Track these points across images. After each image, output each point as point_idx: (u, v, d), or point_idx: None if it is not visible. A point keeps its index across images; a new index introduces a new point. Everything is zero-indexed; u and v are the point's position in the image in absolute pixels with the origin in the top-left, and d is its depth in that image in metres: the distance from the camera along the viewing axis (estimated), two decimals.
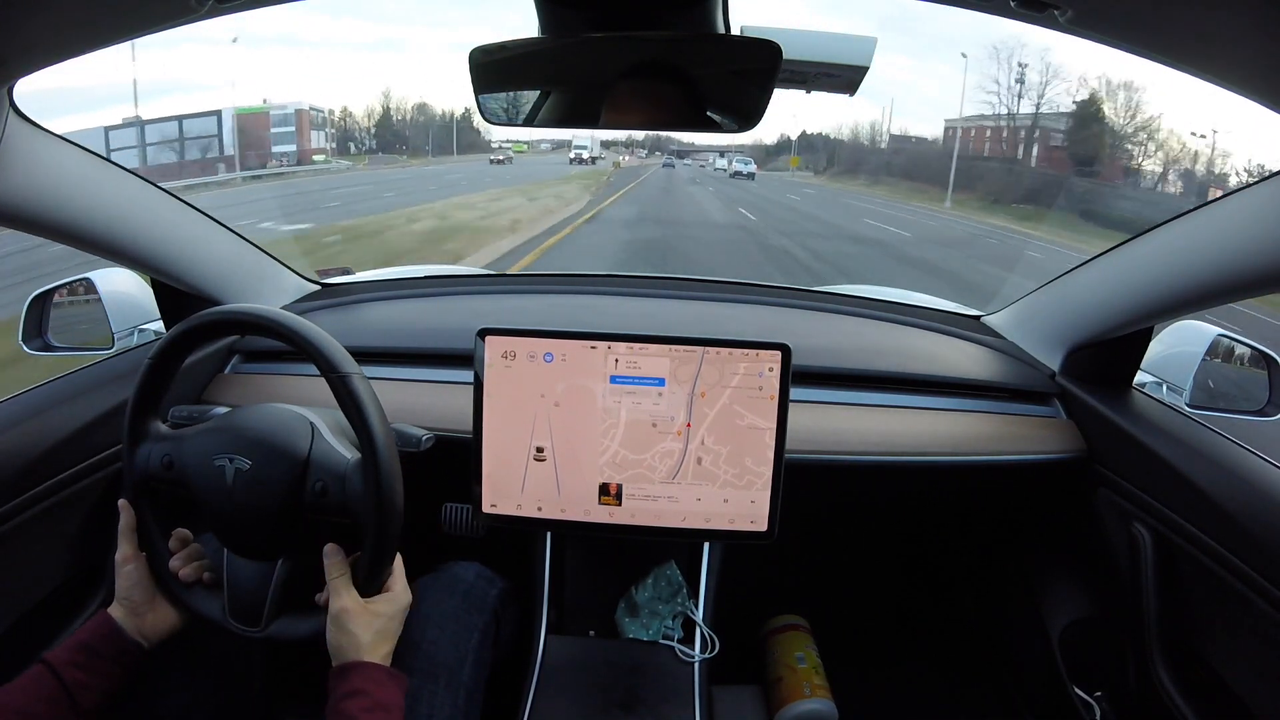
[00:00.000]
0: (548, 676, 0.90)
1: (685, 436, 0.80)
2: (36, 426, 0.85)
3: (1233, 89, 0.55)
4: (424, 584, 0.86)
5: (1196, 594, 0.84)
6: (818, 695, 1.10)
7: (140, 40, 0.66)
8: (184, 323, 0.73)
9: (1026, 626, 1.16)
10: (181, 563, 0.75)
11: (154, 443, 0.75)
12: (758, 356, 0.78)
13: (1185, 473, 0.84)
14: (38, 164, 0.75)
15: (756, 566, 1.18)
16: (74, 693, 0.66)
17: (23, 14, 0.54)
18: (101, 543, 0.91)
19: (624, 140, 47.99)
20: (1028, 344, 1.16)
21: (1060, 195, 18.39)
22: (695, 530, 0.82)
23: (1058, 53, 23.73)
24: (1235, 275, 0.74)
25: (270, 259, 1.23)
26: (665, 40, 0.73)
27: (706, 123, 0.78)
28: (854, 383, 1.06)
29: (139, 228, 0.93)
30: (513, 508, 0.83)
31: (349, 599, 0.70)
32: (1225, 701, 0.79)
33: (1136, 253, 0.92)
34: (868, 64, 0.87)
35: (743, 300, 1.33)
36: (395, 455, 0.70)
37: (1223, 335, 1.03)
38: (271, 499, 0.70)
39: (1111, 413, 0.97)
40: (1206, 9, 0.47)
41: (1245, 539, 0.76)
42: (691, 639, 0.95)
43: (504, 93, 0.81)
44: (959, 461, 0.98)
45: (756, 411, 0.79)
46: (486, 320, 0.81)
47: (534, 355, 0.80)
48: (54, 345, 1.09)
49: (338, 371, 0.69)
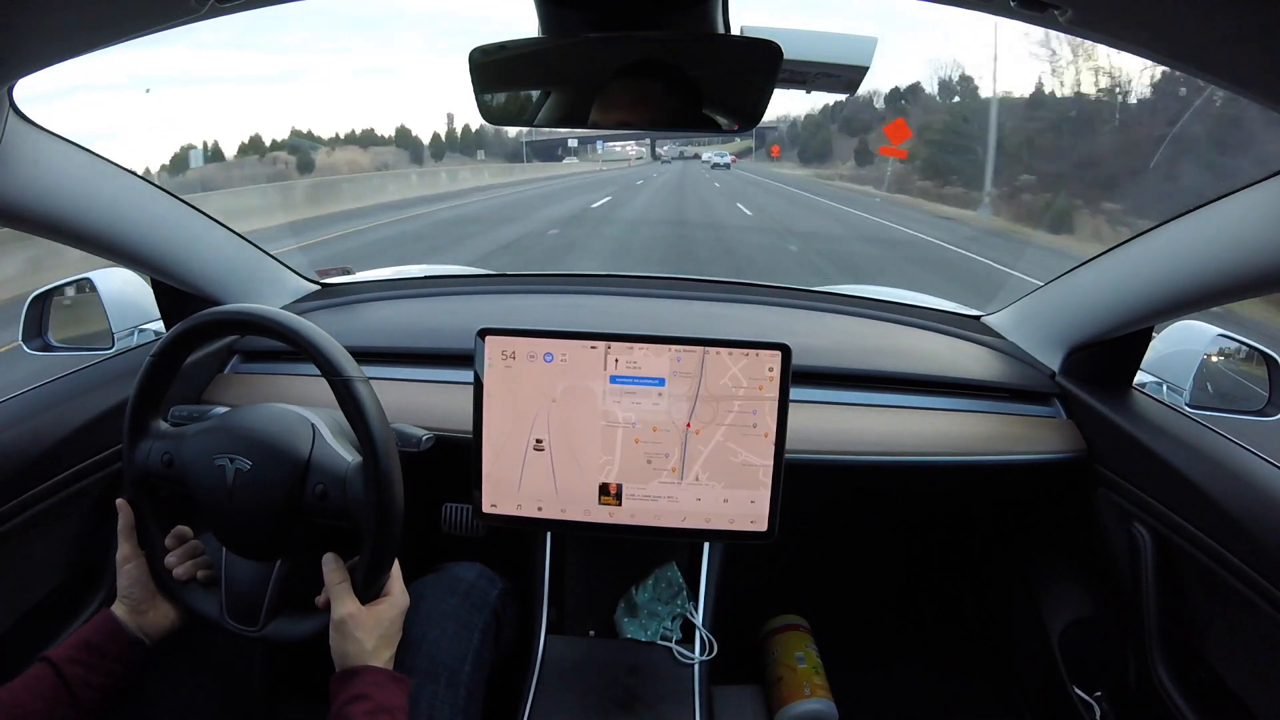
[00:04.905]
0: (548, 676, 0.90)
1: (685, 436, 0.80)
2: (36, 426, 0.85)
3: (1233, 89, 0.54)
4: (424, 584, 0.86)
5: (1196, 594, 0.84)
6: (818, 695, 1.10)
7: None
8: (184, 322, 0.73)
9: (1026, 626, 1.16)
10: (178, 560, 0.75)
11: (154, 440, 0.75)
12: (758, 356, 0.78)
13: (1185, 473, 0.84)
14: (38, 164, 0.75)
15: (756, 566, 1.18)
16: (75, 690, 0.66)
17: (23, 14, 0.54)
18: (101, 542, 0.92)
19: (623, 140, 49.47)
20: (1028, 344, 1.16)
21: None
22: (695, 530, 0.82)
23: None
24: (1235, 275, 0.74)
25: (270, 259, 1.23)
26: (665, 40, 0.73)
27: (706, 123, 0.78)
28: (854, 383, 1.06)
29: (139, 228, 0.93)
30: (513, 508, 0.83)
31: (351, 605, 0.70)
32: (1225, 701, 0.79)
33: (1136, 253, 0.92)
34: (868, 64, 0.87)
35: (743, 300, 1.33)
36: (396, 461, 0.69)
37: (1223, 335, 1.03)
38: (271, 500, 0.70)
39: (1111, 413, 0.97)
40: (1206, 9, 0.47)
41: (1245, 539, 0.75)
42: (690, 640, 0.95)
43: (504, 92, 0.81)
44: (959, 461, 0.98)
45: (757, 408, 0.79)
46: (486, 320, 0.81)
47: (534, 355, 0.80)
48: (54, 345, 1.09)
49: (341, 376, 0.69)
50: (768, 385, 0.79)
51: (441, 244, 9.06)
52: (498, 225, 10.72)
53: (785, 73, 0.73)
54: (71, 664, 0.67)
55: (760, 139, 46.70)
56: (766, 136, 47.10)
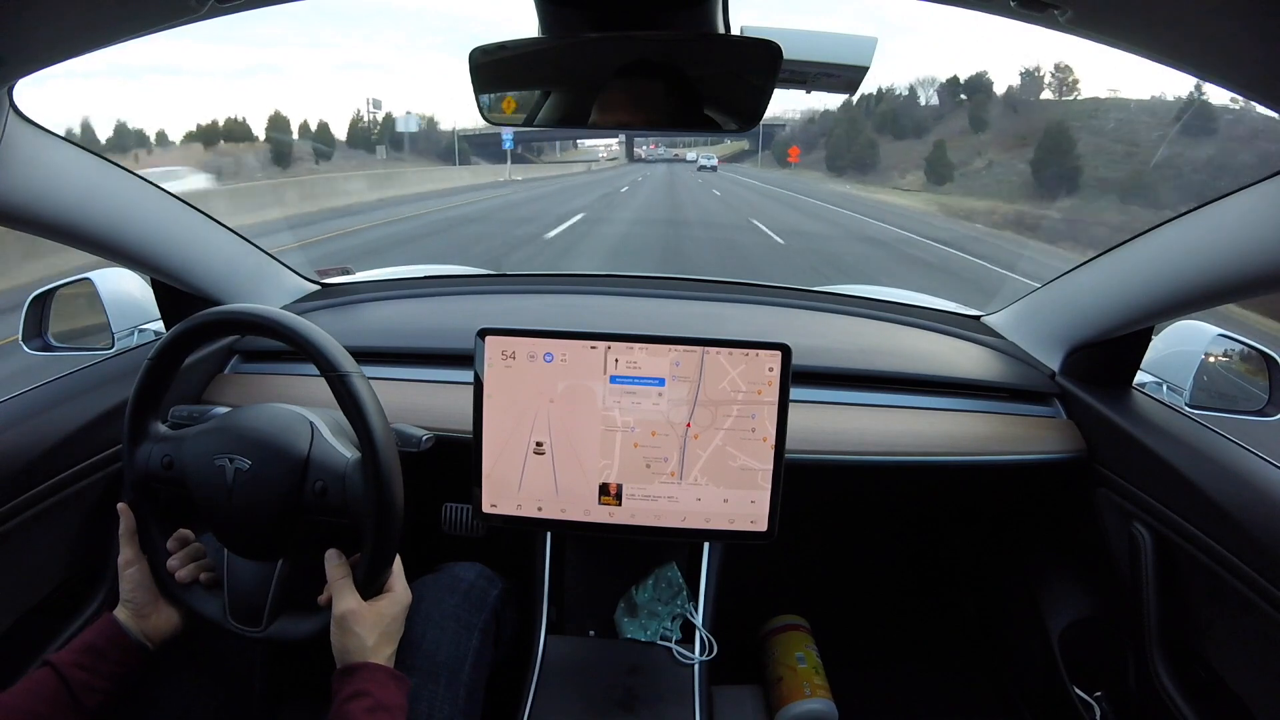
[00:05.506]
0: (548, 676, 0.90)
1: (685, 436, 0.80)
2: (36, 426, 0.85)
3: (1233, 89, 0.55)
4: (425, 584, 0.86)
5: (1196, 594, 0.84)
6: (818, 695, 1.10)
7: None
8: (184, 323, 0.73)
9: (1026, 626, 1.16)
10: (180, 563, 0.75)
11: (154, 443, 0.75)
12: (758, 356, 0.78)
13: (1185, 473, 0.84)
14: (38, 164, 0.75)
15: (756, 567, 1.18)
16: (78, 694, 0.66)
17: (23, 14, 0.54)
18: (101, 542, 0.92)
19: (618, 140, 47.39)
20: (1028, 344, 1.16)
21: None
22: (695, 530, 0.82)
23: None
24: (1235, 275, 0.74)
25: (270, 259, 1.23)
26: (665, 40, 0.73)
27: (706, 123, 0.78)
28: (854, 383, 1.06)
29: (139, 228, 0.93)
30: (512, 508, 0.83)
31: (353, 601, 0.70)
32: (1225, 701, 0.79)
33: (1136, 253, 0.92)
34: (868, 64, 0.87)
35: (742, 300, 1.33)
36: (395, 454, 0.70)
37: (1223, 335, 1.03)
38: (271, 498, 0.70)
39: (1111, 413, 0.97)
40: (1206, 10, 0.47)
41: (1245, 539, 0.76)
42: (690, 640, 0.95)
43: (504, 92, 0.81)
44: (959, 461, 0.98)
45: (756, 412, 0.79)
46: (486, 320, 0.81)
47: (534, 355, 0.80)
48: (54, 345, 1.09)
49: (337, 370, 0.69)
50: (767, 390, 0.79)
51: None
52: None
53: (785, 73, 0.73)
54: (74, 668, 0.67)
55: (767, 138, 43.86)
56: (775, 135, 44.47)
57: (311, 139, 31.88)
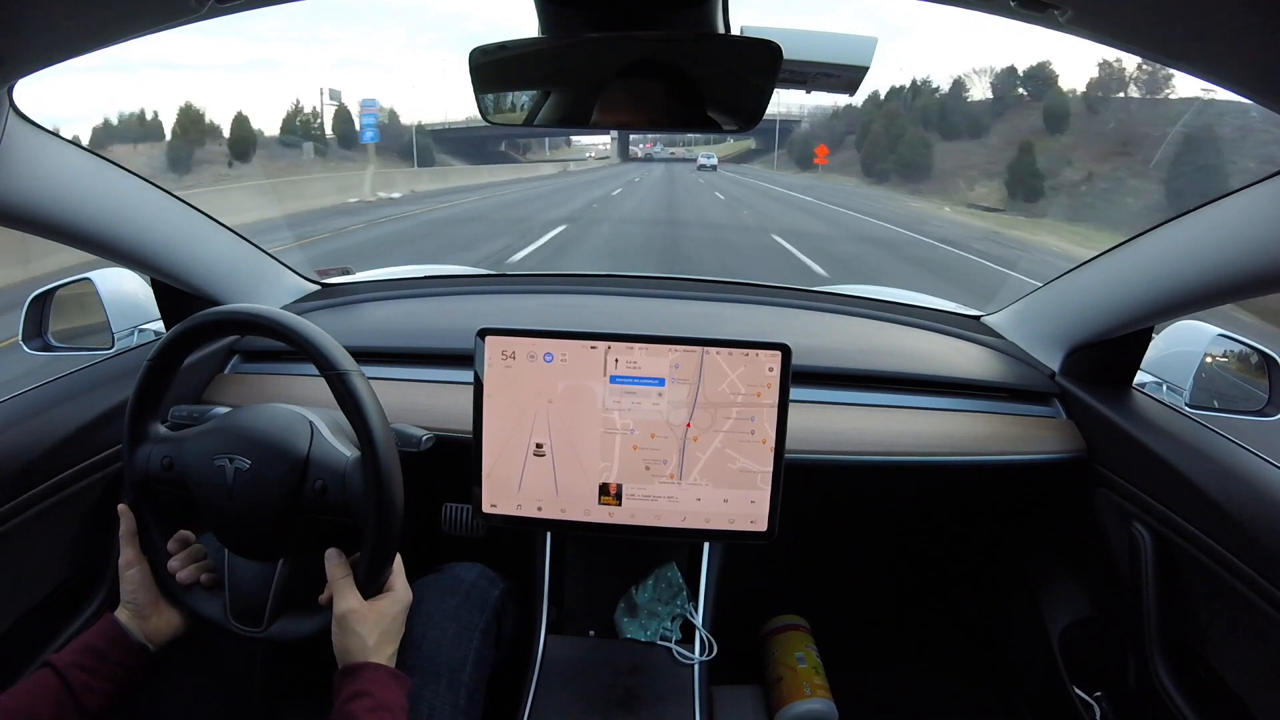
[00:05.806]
0: (548, 676, 0.90)
1: (685, 437, 0.80)
2: (36, 426, 0.85)
3: (1233, 89, 0.55)
4: (425, 584, 0.86)
5: (1196, 594, 0.84)
6: (818, 695, 1.10)
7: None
8: (184, 323, 0.73)
9: (1026, 626, 1.16)
10: (180, 564, 0.75)
11: (154, 444, 0.75)
12: (758, 356, 0.78)
13: (1185, 473, 0.84)
14: (38, 164, 0.75)
15: (756, 567, 1.18)
16: (79, 695, 0.66)
17: (23, 14, 0.54)
18: (102, 543, 0.92)
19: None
20: (1028, 344, 1.16)
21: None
22: (695, 530, 0.82)
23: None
24: (1235, 275, 0.74)
25: (270, 259, 1.23)
26: (665, 40, 0.73)
27: (707, 123, 0.78)
28: (854, 383, 1.06)
29: (139, 228, 0.93)
30: (512, 508, 0.83)
31: (354, 600, 0.70)
32: (1225, 701, 0.79)
33: (1136, 253, 0.92)
34: (868, 64, 0.87)
35: (742, 300, 1.33)
36: (394, 452, 0.70)
37: (1223, 335, 1.03)
38: (271, 498, 0.70)
39: (1111, 413, 0.97)
40: (1206, 9, 0.47)
41: (1245, 539, 0.76)
42: (690, 640, 0.95)
43: (504, 92, 0.81)
44: (959, 461, 0.98)
45: (756, 412, 0.79)
46: (486, 320, 0.81)
47: (534, 355, 0.80)
48: (54, 345, 1.09)
49: (336, 369, 0.69)
50: (766, 392, 0.79)
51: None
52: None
53: (785, 73, 0.73)
54: (75, 669, 0.67)
55: (783, 135, 40.65)
56: (791, 131, 41.52)
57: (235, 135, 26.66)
